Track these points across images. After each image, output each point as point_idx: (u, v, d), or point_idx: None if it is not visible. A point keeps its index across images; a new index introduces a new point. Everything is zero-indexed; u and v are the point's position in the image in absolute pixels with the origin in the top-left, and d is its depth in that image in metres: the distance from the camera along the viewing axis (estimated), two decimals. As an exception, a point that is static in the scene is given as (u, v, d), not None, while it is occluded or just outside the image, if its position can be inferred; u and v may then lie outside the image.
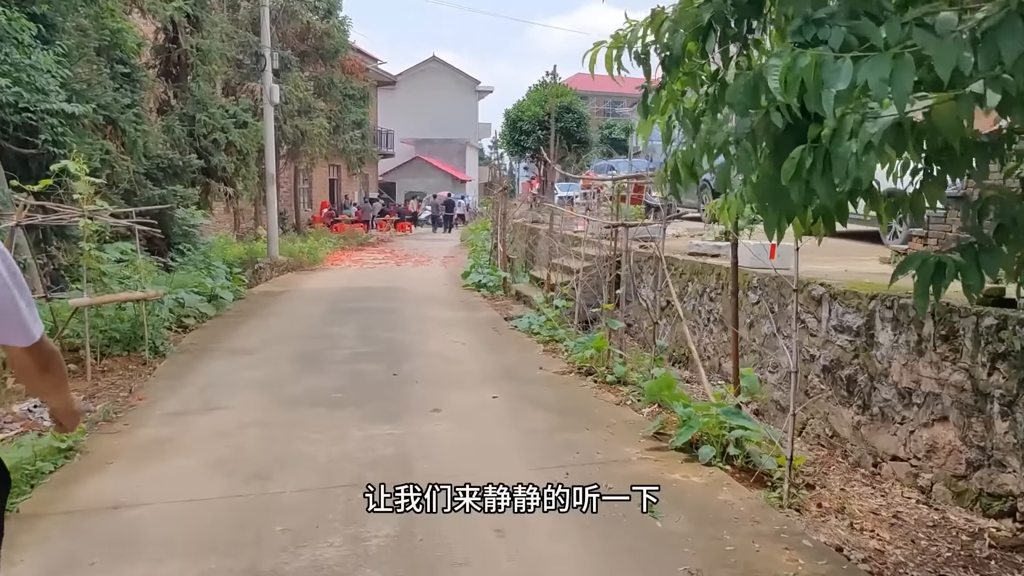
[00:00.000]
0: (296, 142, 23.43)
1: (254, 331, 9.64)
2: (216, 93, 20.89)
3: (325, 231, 27.30)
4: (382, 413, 6.08)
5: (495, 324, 10.24)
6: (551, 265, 10.94)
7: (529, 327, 9.59)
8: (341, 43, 25.40)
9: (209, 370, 7.57)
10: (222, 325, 10.07)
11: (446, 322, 10.34)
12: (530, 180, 23.96)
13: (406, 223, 36.05)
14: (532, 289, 12.18)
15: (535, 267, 16.51)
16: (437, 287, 14.17)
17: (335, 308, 11.56)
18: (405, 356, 8.21)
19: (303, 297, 12.81)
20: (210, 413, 6.10)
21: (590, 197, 18.12)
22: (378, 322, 10.33)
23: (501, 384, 7.04)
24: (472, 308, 11.59)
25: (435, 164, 48.36)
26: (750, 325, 7.97)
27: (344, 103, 26.19)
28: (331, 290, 13.66)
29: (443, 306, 11.77)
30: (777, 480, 4.82)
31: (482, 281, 13.41)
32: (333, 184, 35.33)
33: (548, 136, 18.51)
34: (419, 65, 51.32)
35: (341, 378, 7.24)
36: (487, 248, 17.44)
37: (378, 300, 12.39)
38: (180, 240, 14.81)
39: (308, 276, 16.16)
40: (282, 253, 18.27)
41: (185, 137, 16.47)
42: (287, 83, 22.42)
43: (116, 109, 12.76)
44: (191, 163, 15.45)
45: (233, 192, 17.28)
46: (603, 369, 7.27)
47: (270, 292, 13.44)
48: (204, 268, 13.05)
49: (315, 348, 8.61)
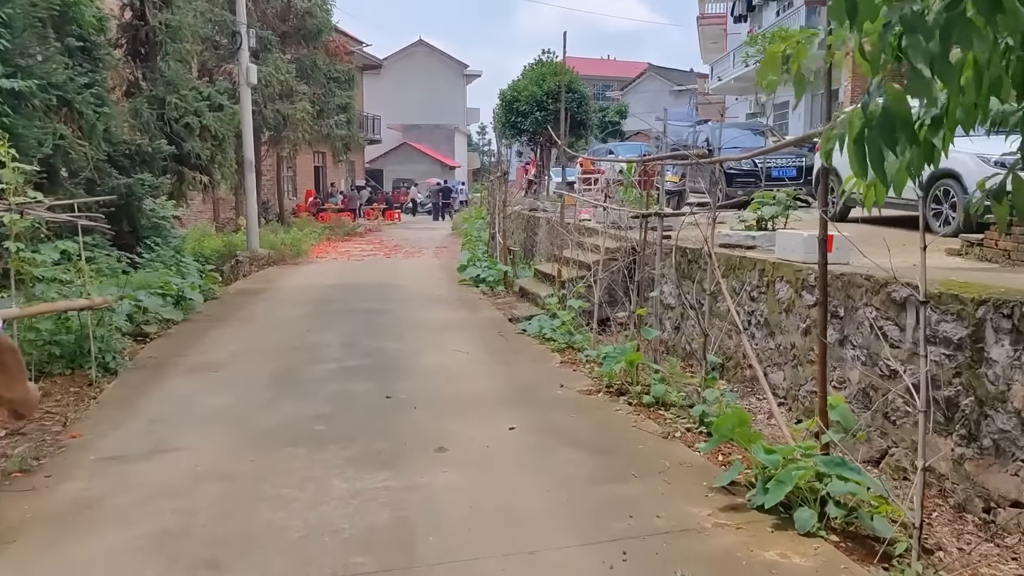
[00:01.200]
0: (278, 127, 22.00)
1: (225, 340, 8.32)
2: (192, 75, 19.42)
3: (310, 221, 25.90)
4: (374, 455, 4.81)
5: (500, 327, 8.97)
6: (561, 259, 9.68)
7: (540, 331, 8.33)
8: (324, 23, 23.91)
9: (165, 394, 6.27)
10: (189, 333, 8.75)
11: (445, 326, 9.06)
12: (525, 165, 22.62)
13: (395, 211, 34.67)
14: (537, 284, 10.91)
15: (535, 259, 15.24)
16: (432, 282, 12.88)
17: (319, 310, 10.25)
18: (400, 371, 6.93)
19: (284, 297, 11.48)
20: (158, 458, 4.81)
21: (594, 183, 16.83)
22: (367, 327, 9.04)
23: (517, 409, 5.78)
24: (472, 308, 10.31)
25: (423, 150, 46.90)
26: (805, 331, 6.74)
27: (328, 86, 24.72)
28: (315, 287, 12.33)
29: (440, 306, 10.49)
30: (899, 558, 3.60)
31: (481, 276, 12.12)
32: (319, 172, 33.86)
33: (547, 118, 17.20)
34: (405, 49, 49.71)
35: (324, 402, 5.96)
36: (483, 238, 16.14)
37: (367, 299, 11.09)
38: (149, 233, 13.44)
39: (290, 271, 14.81)
40: (263, 245, 16.90)
41: (154, 121, 15.04)
42: (267, 65, 20.98)
43: (72, 89, 11.36)
44: (161, 149, 14.05)
45: (209, 181, 15.88)
46: (637, 387, 6.03)
47: (247, 291, 12.11)
48: (174, 265, 11.70)
49: (294, 362, 7.31)
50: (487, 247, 15.42)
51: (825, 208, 5.33)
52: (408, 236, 24.23)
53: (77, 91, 11.35)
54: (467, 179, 51.77)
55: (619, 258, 8.28)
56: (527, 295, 10.72)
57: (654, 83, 51.68)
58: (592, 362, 7.07)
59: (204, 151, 15.60)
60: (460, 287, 12.22)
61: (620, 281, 9.28)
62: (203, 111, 15.54)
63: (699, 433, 5.27)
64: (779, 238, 7.35)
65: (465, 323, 9.22)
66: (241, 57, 16.08)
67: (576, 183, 17.74)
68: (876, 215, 11.75)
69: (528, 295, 10.69)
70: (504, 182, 13.04)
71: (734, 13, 29.66)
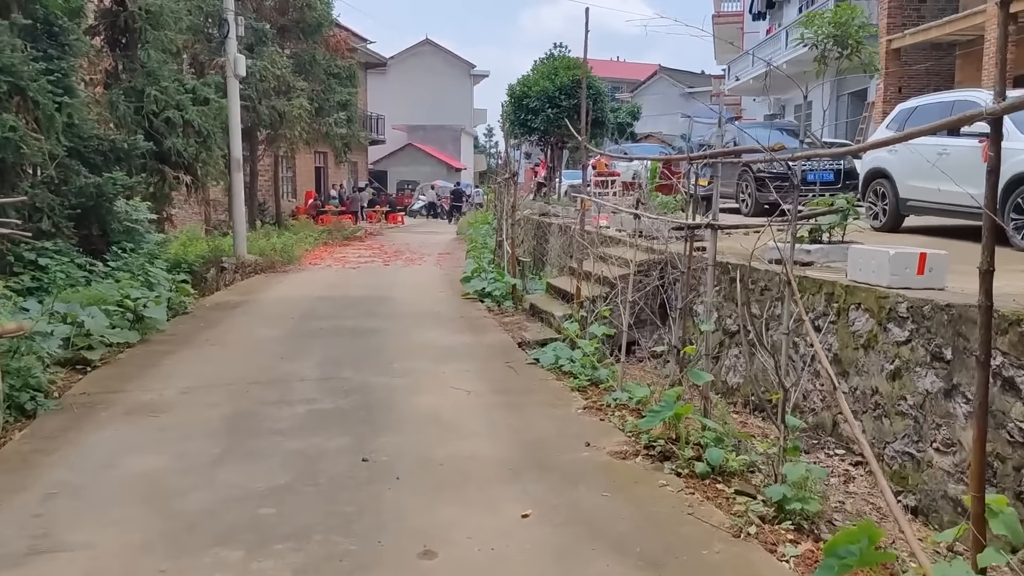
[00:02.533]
0: (273, 125, 20.64)
1: (181, 370, 6.92)
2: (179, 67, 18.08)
3: (309, 224, 24.54)
4: (334, 562, 3.40)
5: (509, 356, 7.54)
6: (580, 273, 8.26)
7: (556, 362, 6.90)
8: (324, 16, 22.54)
9: (82, 451, 4.87)
10: (141, 359, 7.34)
11: (443, 353, 7.63)
12: (534, 167, 21.17)
13: (397, 214, 33.30)
14: (550, 302, 9.48)
15: (546, 270, 13.82)
16: (432, 295, 11.46)
17: (300, 329, 8.84)
18: (383, 419, 5.51)
19: (263, 311, 10.07)
20: (32, 565, 3.41)
21: (609, 185, 15.40)
22: (352, 353, 7.62)
23: (532, 480, 4.37)
24: (477, 329, 8.89)
25: (428, 151, 45.54)
26: (893, 375, 5.32)
27: (328, 83, 23.34)
28: (301, 300, 10.92)
29: (439, 325, 9.06)
30: None
31: (486, 289, 10.70)
32: (320, 172, 32.52)
33: (560, 115, 15.77)
34: (411, 48, 48.35)
35: (281, 468, 4.55)
36: (489, 246, 14.72)
37: (357, 316, 9.68)
38: (121, 238, 12.08)
39: (278, 280, 13.41)
40: (252, 251, 15.52)
41: (131, 115, 13.69)
42: (262, 58, 19.63)
43: (27, 75, 10.00)
44: (137, 145, 12.69)
45: (192, 181, 14.50)
46: (686, 450, 4.60)
47: (225, 304, 10.71)
48: (141, 274, 10.31)
49: (256, 403, 5.90)
50: (493, 255, 14.01)
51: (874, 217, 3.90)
52: (410, 241, 22.83)
53: (32, 77, 9.99)
54: (473, 181, 50.41)
55: (650, 274, 6.87)
56: (538, 314, 9.30)
57: (664, 85, 50.26)
58: (623, 407, 5.65)
59: (187, 148, 14.24)
60: (463, 302, 10.80)
61: (649, 300, 7.86)
62: (186, 105, 14.16)
63: (779, 524, 3.85)
64: (854, 255, 5.92)
65: (467, 349, 7.80)
66: (228, 47, 14.72)
67: (590, 186, 16.33)
68: (935, 224, 10.32)
69: (540, 314, 9.26)
70: (513, 184, 11.62)
71: (752, 10, 28.20)
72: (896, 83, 19.44)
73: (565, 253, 13.24)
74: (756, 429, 6.17)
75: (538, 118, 15.89)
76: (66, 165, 11.42)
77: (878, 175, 10.50)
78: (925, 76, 19.52)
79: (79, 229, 11.71)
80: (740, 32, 32.39)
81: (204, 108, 14.56)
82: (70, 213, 11.41)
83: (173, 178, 13.97)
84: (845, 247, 6.97)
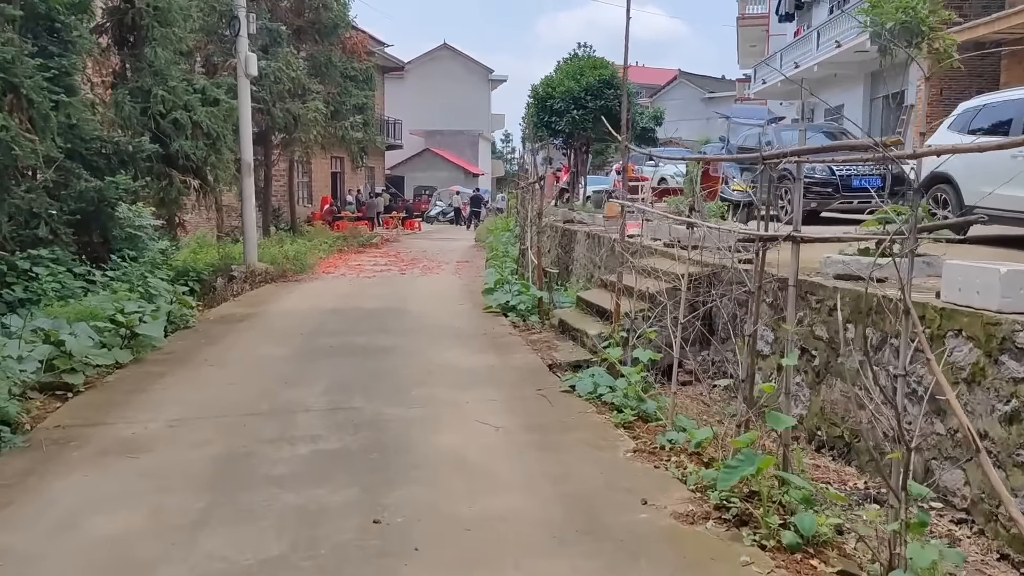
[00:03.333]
0: (288, 128, 19.93)
1: (171, 397, 6.11)
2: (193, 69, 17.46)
3: (325, 230, 23.83)
4: None
5: (539, 381, 6.68)
6: (618, 288, 7.38)
7: (595, 391, 6.03)
8: (341, 16, 21.84)
9: (40, 504, 4.06)
10: (130, 383, 6.55)
11: (466, 377, 6.79)
12: (556, 172, 20.34)
13: (414, 220, 32.55)
14: (582, 317, 8.62)
15: (572, 280, 12.95)
16: (451, 308, 10.62)
17: (308, 347, 8.02)
18: (398, 464, 4.66)
19: (270, 326, 9.28)
20: None
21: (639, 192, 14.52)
22: (364, 376, 6.80)
23: (581, 554, 3.50)
24: (502, 348, 8.03)
25: (446, 157, 44.82)
26: (1010, 418, 4.41)
27: (344, 85, 22.64)
28: (311, 314, 10.12)
29: (460, 344, 8.22)
30: None
31: (510, 302, 9.84)
32: (336, 178, 31.84)
33: (586, 117, 14.91)
34: (429, 53, 47.67)
35: (274, 533, 3.72)
36: (511, 254, 13.88)
37: (370, 331, 8.86)
38: (123, 245, 11.38)
39: (289, 290, 12.63)
40: (263, 259, 14.77)
41: (137, 116, 13.00)
42: (276, 60, 18.94)
43: (21, 72, 9.29)
44: (143, 147, 12.00)
45: (200, 185, 13.77)
46: (771, 516, 3.73)
47: (229, 317, 9.92)
48: (141, 285, 9.56)
49: (251, 440, 5.08)
50: (516, 264, 13.16)
51: None
52: (428, 248, 22.03)
53: (27, 74, 9.27)
54: (491, 187, 49.65)
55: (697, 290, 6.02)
56: (569, 331, 8.44)
57: (684, 90, 49.33)
58: (681, 451, 4.78)
59: (196, 151, 13.53)
60: (485, 316, 9.96)
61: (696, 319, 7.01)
62: (194, 105, 13.45)
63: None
64: (949, 272, 5.02)
65: (492, 373, 6.94)
66: (239, 45, 13.99)
67: (615, 191, 15.45)
68: (998, 234, 9.38)
69: (570, 331, 8.40)
70: (538, 190, 10.77)
71: (779, 12, 27.24)
72: (937, 85, 18.45)
73: (593, 263, 12.37)
74: (830, 473, 5.28)
75: (563, 120, 15.03)
76: (66, 168, 10.73)
77: (939, 180, 9.56)
78: (968, 78, 18.51)
79: (79, 236, 10.99)
80: (766, 35, 31.42)
81: (214, 109, 13.85)
82: (69, 219, 10.70)
83: (180, 182, 13.24)
84: (925, 261, 6.08)
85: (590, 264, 12.54)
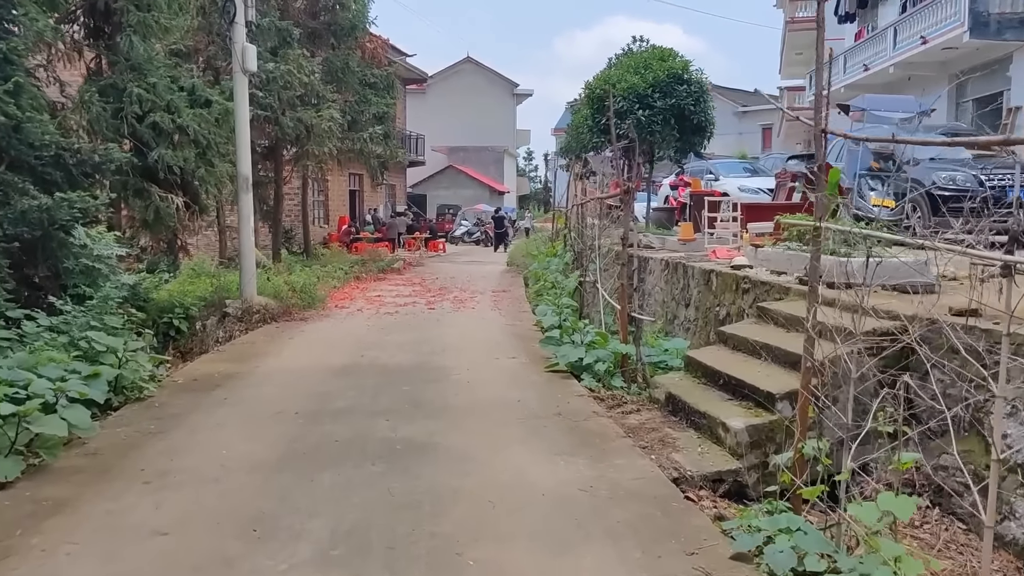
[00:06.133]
0: (299, 139, 17.37)
1: (44, 571, 3.42)
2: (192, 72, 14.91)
3: (342, 252, 21.25)
4: None
5: (678, 526, 3.89)
6: (811, 367, 4.61)
7: (800, 571, 3.27)
8: (359, 16, 19.35)
9: None
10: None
11: (554, 518, 4.02)
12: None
13: (438, 241, 29.94)
14: (702, 392, 5.82)
15: (641, 316, 10.14)
16: (502, 365, 7.86)
17: (303, 444, 5.28)
18: None
19: (255, 399, 6.55)
20: None
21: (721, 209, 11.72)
22: (387, 518, 4.03)
23: None
24: (592, 443, 5.24)
25: (470, 174, 42.29)
26: None
27: (363, 93, 20.11)
28: (313, 376, 7.40)
29: (528, 434, 5.46)
30: None
31: (584, 360, 7.07)
32: (354, 196, 29.33)
33: (653, 118, 12.20)
34: (452, 67, 45.31)
35: None
36: (564, 285, 11.11)
37: (396, 410, 6.12)
38: (79, 280, 8.77)
39: (291, 334, 9.92)
40: (265, 291, 12.12)
41: (108, 118, 10.47)
42: (286, 62, 16.41)
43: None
44: (110, 156, 9.41)
45: (186, 203, 11.16)
46: None
47: (205, 381, 7.21)
48: (83, 337, 6.89)
49: None
50: (572, 297, 10.41)
51: None
52: (456, 274, 19.31)
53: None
54: (515, 206, 47.07)
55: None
56: (684, 412, 5.65)
57: (716, 104, 46.56)
58: None
59: (185, 162, 10.98)
60: (550, 379, 7.19)
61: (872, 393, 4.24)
62: (179, 107, 10.90)
63: None
64: None
65: (595, 505, 4.17)
66: (235, 33, 11.43)
67: (692, 210, 12.68)
68: None
69: (687, 413, 5.61)
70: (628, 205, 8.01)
71: (838, 12, 24.47)
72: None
73: (676, 301, 9.59)
74: None
75: (624, 121, 12.33)
76: (5, 181, 8.18)
77: None
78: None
79: (18, 269, 8.41)
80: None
81: (204, 112, 11.29)
82: (5, 247, 8.14)
83: (161, 199, 10.65)
84: None
85: (671, 301, 9.76)
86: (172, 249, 13.36)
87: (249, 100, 14.75)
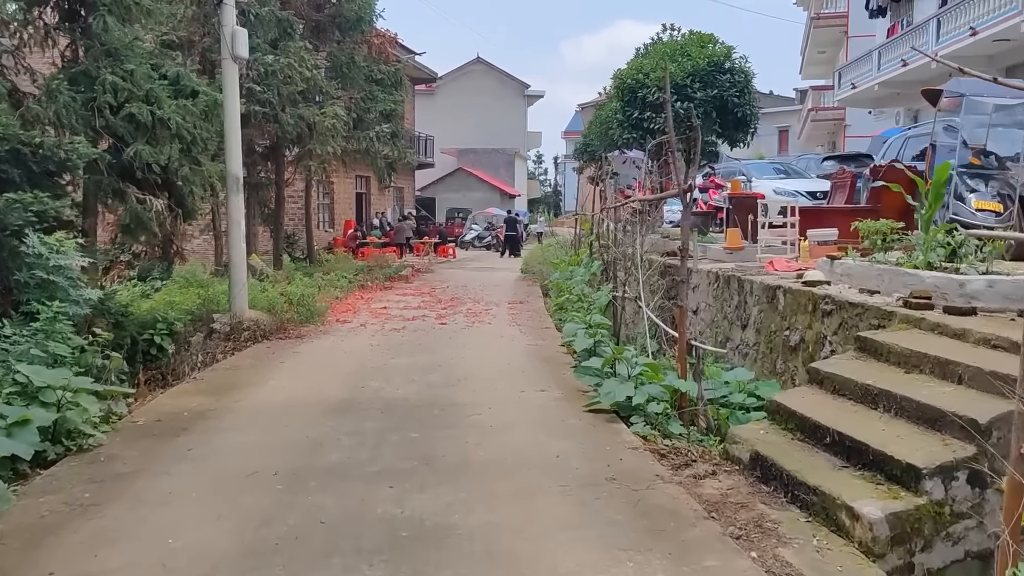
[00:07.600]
0: (301, 138, 16.07)
1: None
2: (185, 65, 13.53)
3: (347, 258, 19.93)
4: None
5: None
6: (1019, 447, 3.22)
7: None
8: (365, 8, 18.08)
9: None
10: None
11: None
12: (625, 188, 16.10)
13: (448, 246, 28.61)
14: (803, 453, 4.43)
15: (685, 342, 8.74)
16: (530, 402, 6.49)
17: (277, 527, 3.92)
18: None
19: (226, 450, 5.19)
20: None
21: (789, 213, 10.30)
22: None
23: None
24: (671, 537, 3.86)
25: (480, 176, 40.96)
26: None
27: (369, 89, 18.82)
28: (304, 416, 6.04)
29: (577, 517, 4.08)
30: None
31: (632, 399, 5.70)
32: (361, 199, 28.03)
33: (690, 109, 10.84)
34: (461, 67, 44.02)
35: None
36: (594, 301, 9.73)
37: (403, 471, 4.74)
38: (34, 294, 7.45)
39: (282, 357, 8.57)
40: (258, 303, 10.80)
41: (77, 109, 9.16)
42: (287, 55, 15.13)
43: None
44: (77, 152, 8.13)
45: (168, 206, 9.83)
46: None
47: (170, 422, 5.86)
48: (21, 371, 5.56)
49: None
50: (603, 313, 9.03)
51: None
52: (467, 282, 17.95)
53: None
54: (526, 209, 45.71)
55: None
56: (781, 481, 4.26)
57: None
58: None
59: (168, 159, 9.65)
60: (592, 423, 5.81)
61: None
62: (159, 96, 9.57)
63: None
64: None
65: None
66: (224, 15, 10.13)
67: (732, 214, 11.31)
68: None
69: (786, 483, 4.22)
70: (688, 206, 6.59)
71: (869, 7, 23.05)
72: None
73: (728, 320, 8.19)
74: None
75: (659, 115, 10.88)
76: (-54, 181, 6.93)
77: None
78: None
79: (-38, 280, 7.15)
80: (844, 36, 27.21)
81: (188, 103, 9.97)
82: (-54, 257, 6.87)
83: (138, 201, 9.33)
84: None
85: (723, 320, 8.36)
86: (167, 255, 12.06)
87: (247, 95, 13.47)
